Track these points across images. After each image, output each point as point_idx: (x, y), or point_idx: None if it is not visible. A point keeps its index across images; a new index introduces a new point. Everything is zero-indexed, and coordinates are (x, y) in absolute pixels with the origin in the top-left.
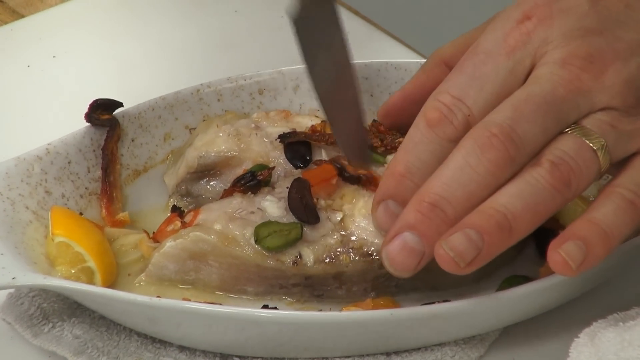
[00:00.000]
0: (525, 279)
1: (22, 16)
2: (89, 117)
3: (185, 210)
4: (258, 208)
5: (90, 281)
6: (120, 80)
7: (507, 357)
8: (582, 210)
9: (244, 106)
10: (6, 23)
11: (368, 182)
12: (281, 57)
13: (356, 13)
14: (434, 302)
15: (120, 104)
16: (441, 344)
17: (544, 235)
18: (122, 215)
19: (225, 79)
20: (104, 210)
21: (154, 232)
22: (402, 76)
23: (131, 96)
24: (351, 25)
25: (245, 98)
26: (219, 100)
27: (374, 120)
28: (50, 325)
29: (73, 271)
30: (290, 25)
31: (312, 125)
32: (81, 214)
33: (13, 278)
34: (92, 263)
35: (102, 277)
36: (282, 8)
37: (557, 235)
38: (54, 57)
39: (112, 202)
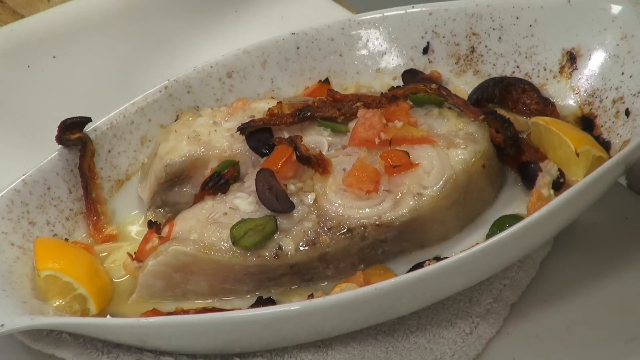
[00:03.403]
0: (514, 218)
1: (23, 16)
2: (60, 139)
3: (164, 221)
4: (230, 207)
5: (84, 307)
6: (120, 80)
7: (508, 356)
8: (558, 137)
9: (215, 92)
10: (6, 23)
11: (317, 164)
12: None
13: None
14: (424, 262)
15: (89, 120)
16: (440, 343)
17: (526, 168)
18: (110, 230)
19: (191, 70)
20: (91, 228)
21: (135, 253)
22: (366, 30)
23: (131, 96)
24: (335, 16)
25: (215, 85)
26: (188, 92)
27: (329, 90)
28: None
29: (65, 302)
30: None
31: (269, 109)
32: (66, 239)
33: (1, 325)
34: (82, 290)
35: (95, 301)
36: (281, 8)
37: (539, 166)
38: (54, 57)
39: (99, 219)
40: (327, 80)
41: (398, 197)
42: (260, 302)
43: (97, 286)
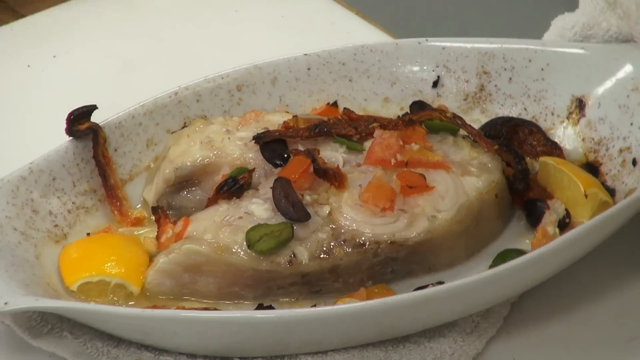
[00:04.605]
0: (518, 253)
1: (23, 16)
2: (70, 131)
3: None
4: (245, 212)
5: (127, 293)
6: (120, 79)
7: (508, 355)
8: (567, 177)
9: (224, 104)
10: (7, 23)
11: (334, 178)
12: (282, 56)
13: None
14: (427, 286)
15: (94, 107)
16: (440, 342)
17: (533, 205)
18: (137, 212)
19: (202, 79)
20: (117, 214)
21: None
22: (378, 58)
23: (132, 95)
24: (336, 16)
25: (224, 96)
26: (198, 101)
27: (345, 109)
28: (49, 326)
29: (108, 299)
30: None
31: (285, 122)
32: (66, 233)
33: (5, 303)
34: (116, 279)
35: (133, 281)
36: (281, 8)
37: (547, 204)
38: (54, 56)
39: (122, 203)
40: (335, 104)
41: (412, 217)
42: (261, 309)
43: (128, 267)
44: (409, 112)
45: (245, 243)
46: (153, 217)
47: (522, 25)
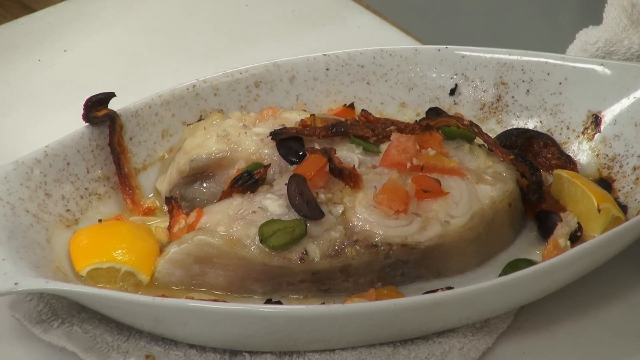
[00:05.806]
0: (528, 263)
1: (33, 10)
2: (87, 117)
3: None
4: (259, 207)
5: (136, 281)
6: (131, 73)
7: (518, 350)
8: (581, 191)
9: (241, 99)
10: (17, 17)
11: (349, 178)
12: (292, 50)
13: None
14: (436, 290)
15: (112, 95)
16: (449, 337)
17: (545, 217)
18: (149, 202)
19: (221, 74)
20: (129, 203)
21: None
22: (397, 62)
23: (142, 90)
24: (346, 11)
25: (241, 91)
26: (215, 95)
27: (363, 110)
28: (60, 320)
29: (117, 286)
30: None
31: (302, 120)
32: (100, 220)
33: (15, 284)
34: (126, 267)
35: (143, 270)
36: (292, 2)
37: (560, 216)
38: (64, 51)
39: (134, 192)
40: (352, 105)
41: (425, 221)
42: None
43: (139, 256)
44: (425, 118)
45: (257, 237)
46: (165, 208)
47: (545, 37)
